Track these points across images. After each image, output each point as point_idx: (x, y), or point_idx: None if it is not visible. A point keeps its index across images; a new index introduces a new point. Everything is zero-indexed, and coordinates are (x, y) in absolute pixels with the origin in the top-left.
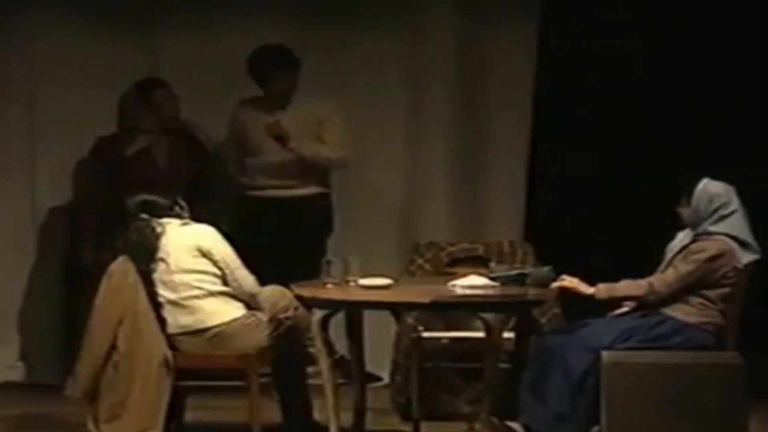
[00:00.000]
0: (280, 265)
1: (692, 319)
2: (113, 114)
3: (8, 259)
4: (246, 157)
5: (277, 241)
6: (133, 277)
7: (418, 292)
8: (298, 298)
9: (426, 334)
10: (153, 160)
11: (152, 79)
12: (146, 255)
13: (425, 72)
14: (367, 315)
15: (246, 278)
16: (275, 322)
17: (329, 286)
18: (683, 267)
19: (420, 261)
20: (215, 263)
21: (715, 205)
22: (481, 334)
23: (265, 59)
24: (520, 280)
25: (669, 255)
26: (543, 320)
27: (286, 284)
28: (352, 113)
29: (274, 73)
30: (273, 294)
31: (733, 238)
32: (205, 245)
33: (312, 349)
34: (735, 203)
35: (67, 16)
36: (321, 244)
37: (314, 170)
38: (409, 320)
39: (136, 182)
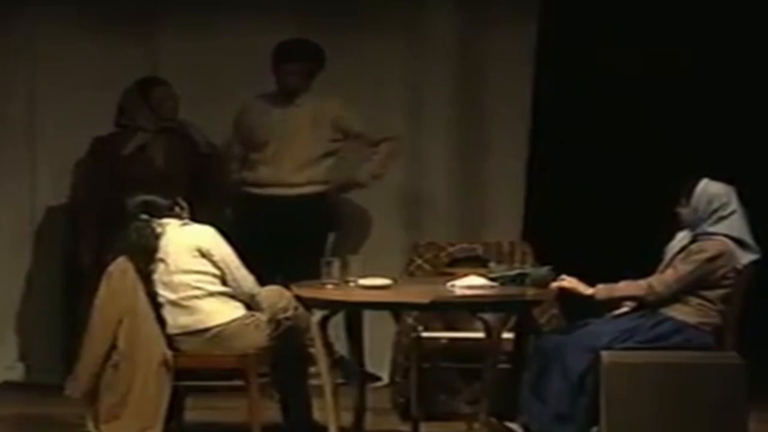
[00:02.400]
0: (278, 264)
1: (691, 320)
2: (114, 114)
3: (8, 259)
4: (252, 152)
5: (275, 239)
6: (132, 277)
7: (418, 293)
8: (298, 298)
9: (425, 334)
10: (150, 159)
11: (153, 78)
12: (146, 255)
13: (425, 72)
14: (367, 315)
15: (245, 278)
16: (275, 322)
17: (329, 286)
18: (682, 267)
19: (419, 261)
20: (215, 263)
21: (715, 205)
22: (480, 335)
23: (278, 52)
24: (519, 280)
25: (668, 255)
26: (542, 320)
27: (285, 284)
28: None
29: (282, 66)
30: (272, 294)
31: (733, 238)
32: (205, 245)
33: (312, 350)
34: (734, 204)
35: (67, 16)
36: (321, 243)
37: (318, 168)
38: (409, 320)
39: (133, 181)
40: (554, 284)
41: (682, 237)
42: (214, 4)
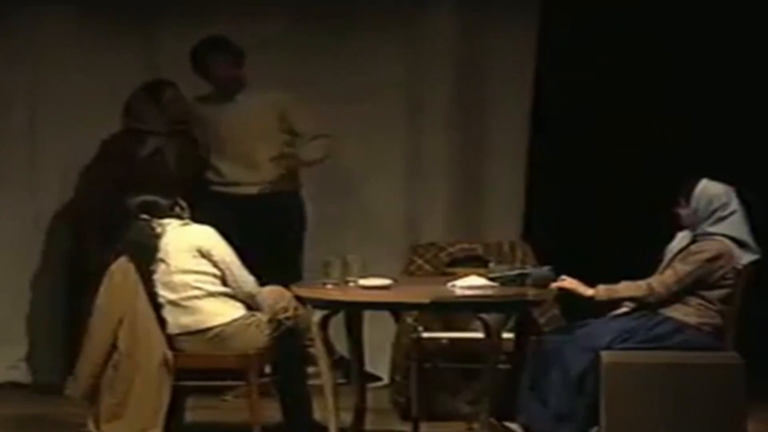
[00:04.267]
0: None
1: (691, 320)
2: (115, 114)
3: (12, 260)
4: (210, 152)
5: (247, 237)
6: (133, 277)
7: (418, 293)
8: (298, 298)
9: (425, 335)
10: (165, 162)
11: (161, 80)
12: (146, 255)
13: (425, 72)
14: (367, 315)
15: (245, 279)
16: (275, 322)
17: (329, 286)
18: (682, 268)
19: (420, 261)
20: (215, 264)
21: (715, 206)
22: (480, 335)
23: (201, 49)
24: (519, 280)
25: (668, 256)
26: (542, 321)
27: (285, 284)
28: (352, 113)
29: (211, 59)
30: (272, 294)
31: (732, 238)
32: (205, 246)
33: (312, 349)
34: (734, 204)
35: (68, 16)
36: (297, 241)
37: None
38: (409, 320)
39: (147, 184)
40: (554, 285)
41: (681, 237)
42: (213, 5)
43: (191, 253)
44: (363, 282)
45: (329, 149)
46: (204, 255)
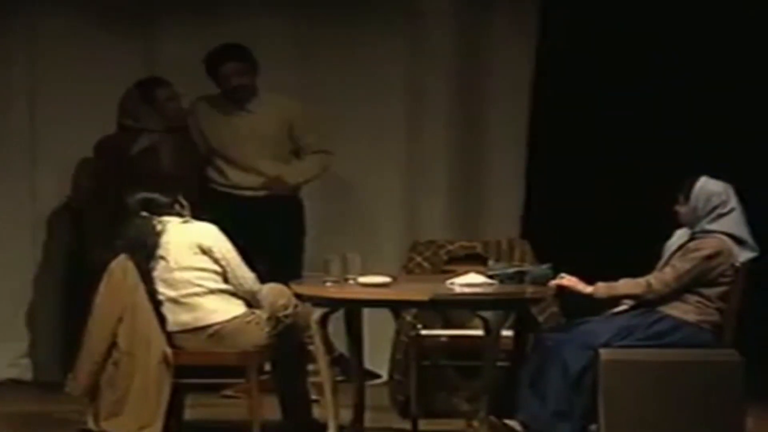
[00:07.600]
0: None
1: (690, 317)
2: (115, 114)
3: (13, 258)
4: (215, 157)
5: (249, 239)
6: (132, 274)
7: (417, 290)
8: (298, 295)
9: (425, 332)
10: (158, 159)
11: (154, 78)
12: (146, 252)
13: (425, 70)
14: (366, 313)
15: (246, 276)
16: (275, 320)
17: (328, 284)
18: (681, 265)
19: (419, 259)
20: (216, 261)
21: (713, 203)
22: (479, 332)
23: (218, 56)
24: (518, 277)
25: (667, 253)
26: (541, 318)
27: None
28: (352, 112)
29: (224, 67)
30: (273, 292)
31: (731, 236)
32: (206, 243)
33: (311, 347)
34: (733, 202)
35: (68, 14)
36: (296, 245)
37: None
38: (408, 318)
39: (141, 181)
40: (553, 282)
41: (680, 235)
42: (213, 5)
43: (192, 250)
44: (362, 280)
45: (324, 167)
46: (205, 252)
